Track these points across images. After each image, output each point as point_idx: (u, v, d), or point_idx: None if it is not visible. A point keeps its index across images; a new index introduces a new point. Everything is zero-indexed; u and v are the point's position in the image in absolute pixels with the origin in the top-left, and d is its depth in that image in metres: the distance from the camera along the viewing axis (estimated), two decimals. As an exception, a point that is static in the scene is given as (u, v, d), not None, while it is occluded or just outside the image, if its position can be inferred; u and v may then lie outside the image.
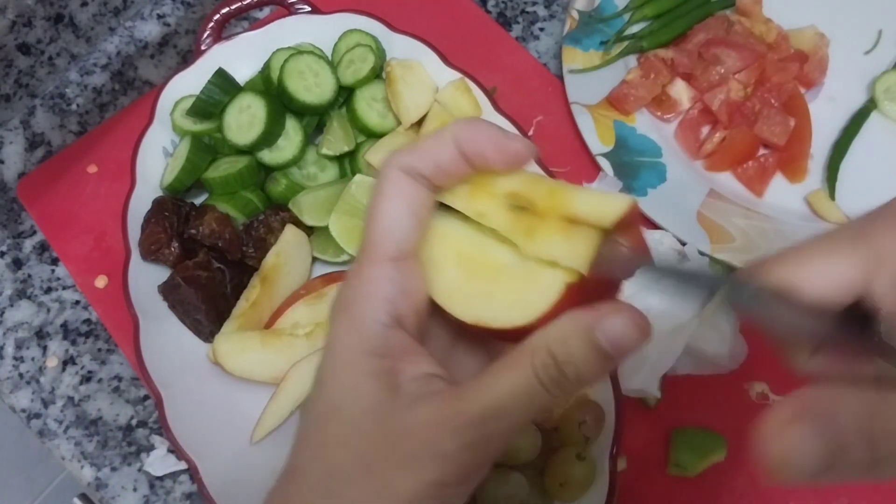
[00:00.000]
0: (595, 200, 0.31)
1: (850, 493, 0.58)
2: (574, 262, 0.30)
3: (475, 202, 0.34)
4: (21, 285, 0.68)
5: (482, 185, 0.34)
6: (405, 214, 0.31)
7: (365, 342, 0.30)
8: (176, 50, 0.78)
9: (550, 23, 0.77)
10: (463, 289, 0.31)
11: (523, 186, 0.33)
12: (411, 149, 0.31)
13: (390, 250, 0.31)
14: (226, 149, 0.65)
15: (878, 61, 0.73)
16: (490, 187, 0.34)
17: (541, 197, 0.32)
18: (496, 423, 0.28)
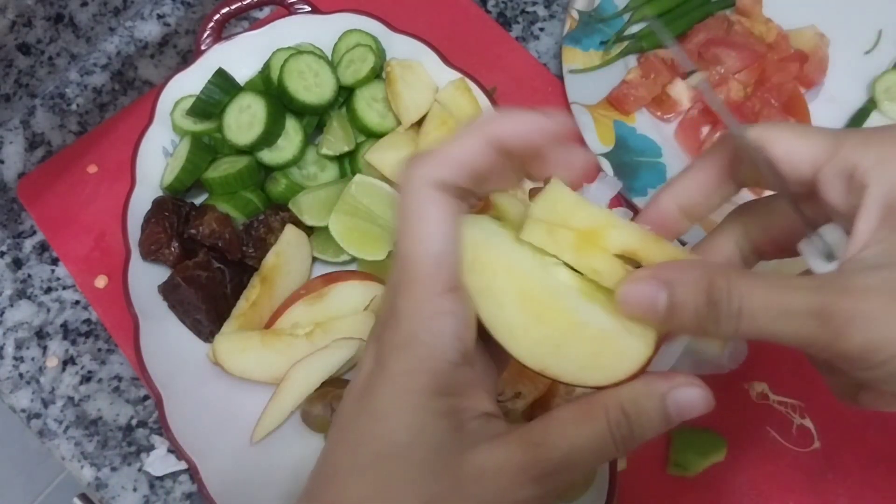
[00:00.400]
0: None
1: (850, 493, 0.58)
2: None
3: (586, 257, 0.33)
4: (21, 285, 0.68)
5: (589, 237, 0.33)
6: (450, 238, 0.29)
7: (434, 382, 0.29)
8: (176, 50, 0.78)
9: (550, 23, 0.77)
10: (530, 332, 0.30)
11: (639, 244, 0.33)
12: (435, 157, 0.29)
13: (447, 280, 0.29)
14: (226, 149, 0.65)
15: (878, 61, 0.73)
16: (600, 240, 0.33)
17: (659, 259, 0.32)
18: (568, 472, 0.29)
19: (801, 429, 0.60)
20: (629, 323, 0.30)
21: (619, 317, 0.30)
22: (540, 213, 0.34)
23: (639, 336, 0.30)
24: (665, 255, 0.33)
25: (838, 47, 0.72)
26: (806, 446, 0.59)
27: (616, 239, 0.33)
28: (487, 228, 0.31)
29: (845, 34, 0.73)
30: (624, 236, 0.33)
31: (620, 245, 0.33)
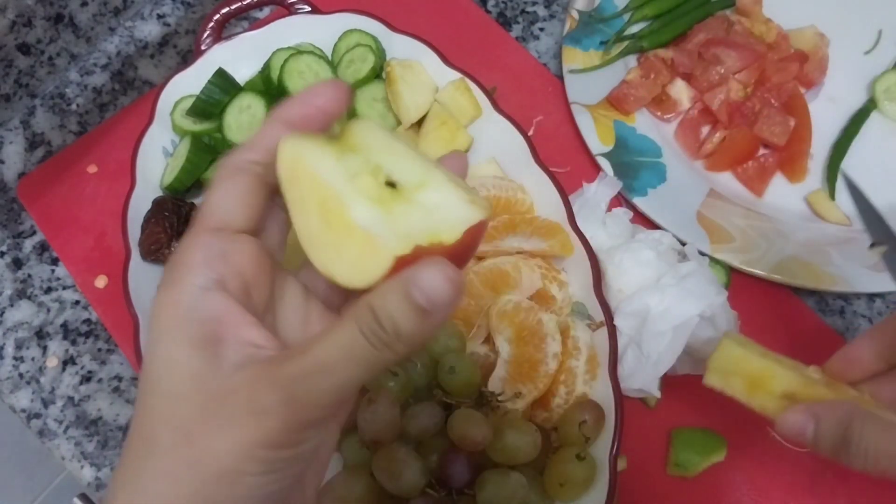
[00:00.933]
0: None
1: (850, 493, 0.58)
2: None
3: (755, 398, 0.47)
4: (21, 285, 0.68)
5: (756, 382, 0.47)
6: (228, 196, 0.31)
7: (181, 307, 0.29)
8: (176, 50, 0.78)
9: (550, 23, 0.77)
10: (321, 238, 0.31)
11: (796, 388, 0.46)
12: (241, 145, 0.33)
13: (210, 223, 0.31)
14: (226, 149, 0.65)
15: (878, 61, 0.73)
16: (765, 385, 0.46)
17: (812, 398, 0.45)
18: (321, 377, 0.27)
19: (802, 429, 0.59)
20: (392, 223, 0.30)
21: (388, 217, 0.30)
22: (715, 364, 0.48)
23: (395, 237, 0.29)
24: (817, 396, 0.45)
25: (838, 47, 0.72)
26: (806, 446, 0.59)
27: (776, 385, 0.46)
28: (308, 146, 0.32)
29: (845, 34, 0.73)
30: (783, 383, 0.46)
31: (780, 389, 0.46)
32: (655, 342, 0.57)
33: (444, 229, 0.30)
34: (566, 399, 0.55)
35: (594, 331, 0.57)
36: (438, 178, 0.31)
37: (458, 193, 0.31)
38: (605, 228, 0.63)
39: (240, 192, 0.32)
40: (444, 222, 0.30)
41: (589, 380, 0.56)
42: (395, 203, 0.31)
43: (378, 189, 0.31)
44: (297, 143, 0.32)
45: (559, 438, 0.55)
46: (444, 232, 0.29)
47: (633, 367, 0.58)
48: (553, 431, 0.55)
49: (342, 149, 0.32)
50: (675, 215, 0.65)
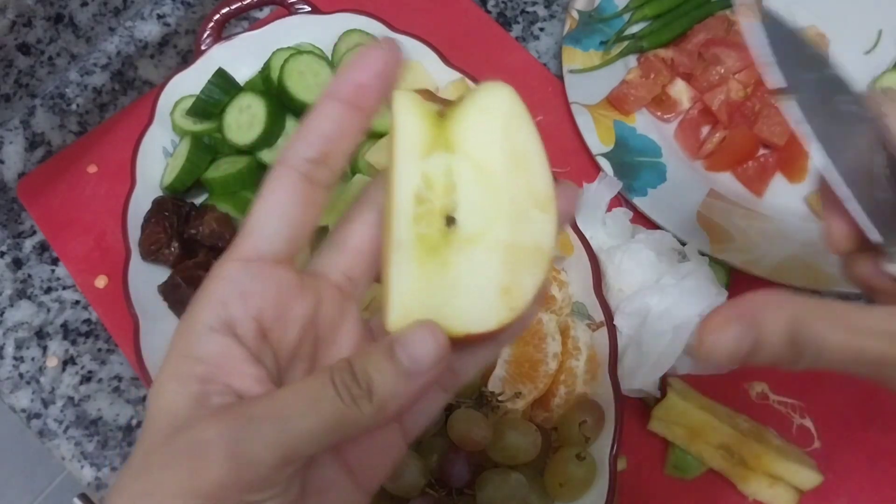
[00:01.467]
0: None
1: (850, 493, 0.58)
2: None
3: (694, 447, 0.56)
4: (21, 285, 0.68)
5: (698, 433, 0.56)
6: (270, 215, 0.28)
7: (186, 340, 0.27)
8: (176, 50, 0.78)
9: (550, 23, 0.77)
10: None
11: (730, 441, 0.55)
12: (295, 134, 0.29)
13: (243, 251, 0.28)
14: (226, 149, 0.65)
15: (878, 61, 0.73)
16: (705, 437, 0.56)
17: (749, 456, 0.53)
18: (271, 424, 0.25)
19: (801, 429, 0.60)
20: (415, 285, 0.27)
21: (418, 273, 0.27)
22: (659, 414, 0.57)
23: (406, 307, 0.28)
24: (748, 450, 0.54)
25: (838, 47, 0.72)
26: (806, 446, 0.59)
27: (713, 437, 0.55)
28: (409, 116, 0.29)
29: (845, 34, 0.73)
30: (719, 436, 0.55)
31: (716, 441, 0.55)
32: (655, 342, 0.57)
33: (453, 319, 0.27)
34: (566, 399, 0.55)
35: (594, 331, 0.57)
36: (498, 237, 0.27)
37: (497, 276, 0.27)
38: (605, 228, 0.63)
39: (284, 209, 0.28)
40: (457, 311, 0.27)
41: (589, 380, 0.56)
42: (435, 255, 0.27)
43: (432, 222, 0.28)
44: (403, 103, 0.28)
45: (559, 438, 0.55)
46: (447, 324, 0.27)
47: (633, 367, 0.58)
48: (553, 431, 0.55)
49: (438, 139, 0.28)
50: (675, 215, 0.65)
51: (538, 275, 0.27)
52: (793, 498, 0.55)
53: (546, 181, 0.27)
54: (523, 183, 0.27)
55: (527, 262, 0.27)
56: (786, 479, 0.55)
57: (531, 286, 0.27)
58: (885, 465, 0.59)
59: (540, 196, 0.27)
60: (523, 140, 0.28)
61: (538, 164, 0.28)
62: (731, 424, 0.56)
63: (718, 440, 0.56)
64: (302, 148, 0.29)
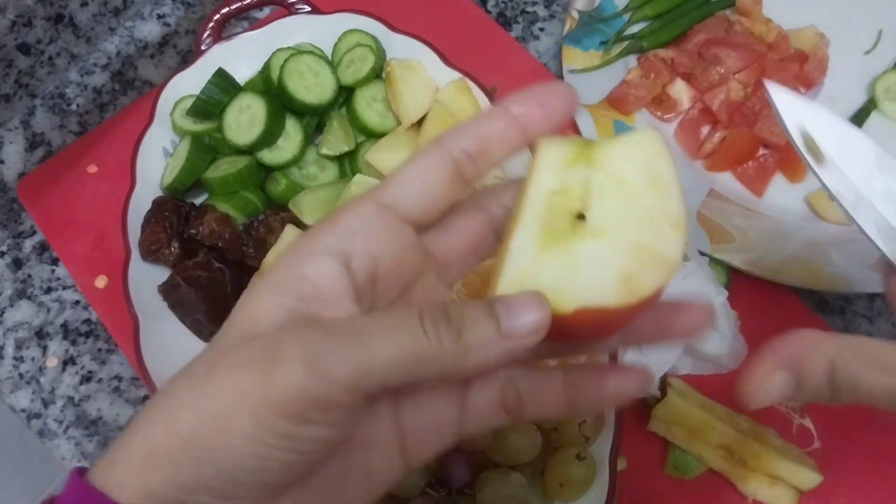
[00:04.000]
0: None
1: (850, 493, 0.58)
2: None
3: (694, 447, 0.56)
4: (21, 285, 0.68)
5: (698, 434, 0.56)
6: (417, 178, 0.29)
7: (298, 261, 0.28)
8: (176, 50, 0.78)
9: (550, 23, 0.77)
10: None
11: (730, 441, 0.54)
12: (459, 126, 0.30)
13: (385, 196, 0.29)
14: (226, 149, 0.65)
15: (878, 61, 0.73)
16: (703, 435, 0.56)
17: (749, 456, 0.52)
18: (349, 342, 0.25)
19: (801, 429, 0.60)
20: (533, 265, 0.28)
21: (537, 257, 0.29)
22: (659, 414, 0.57)
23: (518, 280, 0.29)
24: (748, 449, 0.54)
25: (838, 47, 0.72)
26: (806, 446, 0.59)
27: (713, 437, 0.55)
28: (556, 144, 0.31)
29: (845, 34, 0.73)
30: (719, 435, 0.55)
31: (716, 441, 0.55)
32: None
33: (568, 293, 0.27)
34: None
35: (594, 331, 0.57)
36: (626, 235, 0.28)
37: (621, 264, 0.28)
38: (605, 228, 0.63)
39: (430, 179, 0.29)
40: (573, 286, 0.27)
41: (589, 380, 0.56)
42: (560, 241, 0.28)
43: (562, 216, 0.29)
44: (550, 143, 0.30)
45: (559, 438, 0.55)
46: (560, 298, 0.27)
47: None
48: (553, 431, 0.55)
49: (580, 158, 0.30)
50: (675, 215, 0.65)
51: (661, 277, 0.28)
52: (793, 498, 0.55)
53: (680, 209, 0.29)
54: (659, 201, 0.29)
55: (652, 262, 0.28)
56: (786, 479, 0.55)
57: (653, 282, 0.27)
58: (885, 465, 0.59)
59: (672, 217, 0.28)
60: (664, 171, 0.29)
61: (675, 193, 0.29)
62: (731, 424, 0.56)
63: (718, 440, 0.56)
64: (462, 139, 0.30)
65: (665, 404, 0.57)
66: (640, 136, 0.30)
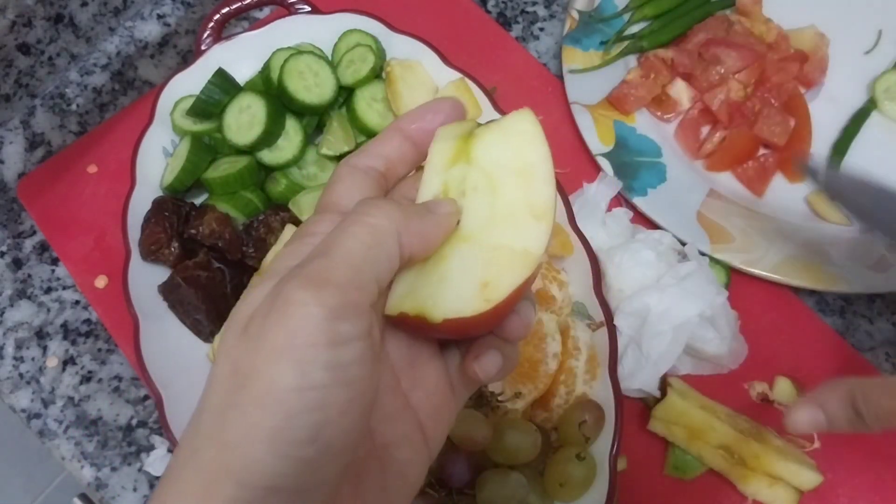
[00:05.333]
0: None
1: (850, 493, 0.58)
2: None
3: (694, 447, 0.56)
4: (21, 285, 0.68)
5: (699, 434, 0.56)
6: (351, 189, 0.32)
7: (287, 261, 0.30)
8: (176, 50, 0.78)
9: (550, 23, 0.77)
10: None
11: (730, 441, 0.55)
12: (361, 150, 0.34)
13: (337, 208, 0.32)
14: (226, 149, 0.65)
15: (878, 61, 0.73)
16: (703, 436, 0.56)
17: (746, 451, 0.54)
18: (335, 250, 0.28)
19: (801, 429, 0.60)
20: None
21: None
22: (659, 414, 0.57)
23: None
24: (748, 449, 0.55)
25: (838, 47, 0.72)
26: (806, 446, 0.59)
27: (713, 438, 0.56)
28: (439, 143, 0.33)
29: (845, 34, 0.73)
30: (719, 436, 0.56)
31: (716, 441, 0.56)
32: (655, 342, 0.57)
33: (436, 306, 0.29)
34: (566, 399, 0.55)
35: (594, 331, 0.57)
36: (488, 238, 0.30)
37: (479, 272, 0.30)
38: (605, 228, 0.63)
39: (361, 189, 0.32)
40: (440, 299, 0.30)
41: (589, 380, 0.56)
42: (437, 252, 0.31)
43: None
44: (440, 139, 0.33)
45: (559, 438, 0.55)
46: (430, 311, 0.29)
47: (633, 367, 0.58)
48: (553, 431, 0.55)
49: (462, 153, 0.32)
50: (675, 215, 0.65)
51: (520, 274, 0.30)
52: (793, 498, 0.55)
53: (546, 195, 0.30)
54: (524, 192, 0.30)
55: (511, 262, 0.30)
56: (786, 479, 0.55)
57: (510, 283, 0.29)
58: (885, 465, 0.59)
59: (537, 207, 0.30)
60: (531, 157, 0.31)
61: (542, 180, 0.31)
62: (731, 424, 0.56)
63: (718, 440, 0.56)
64: (367, 159, 0.33)
65: (665, 404, 0.57)
66: (510, 121, 0.32)
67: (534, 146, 0.31)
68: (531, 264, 0.30)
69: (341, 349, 0.26)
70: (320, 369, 0.26)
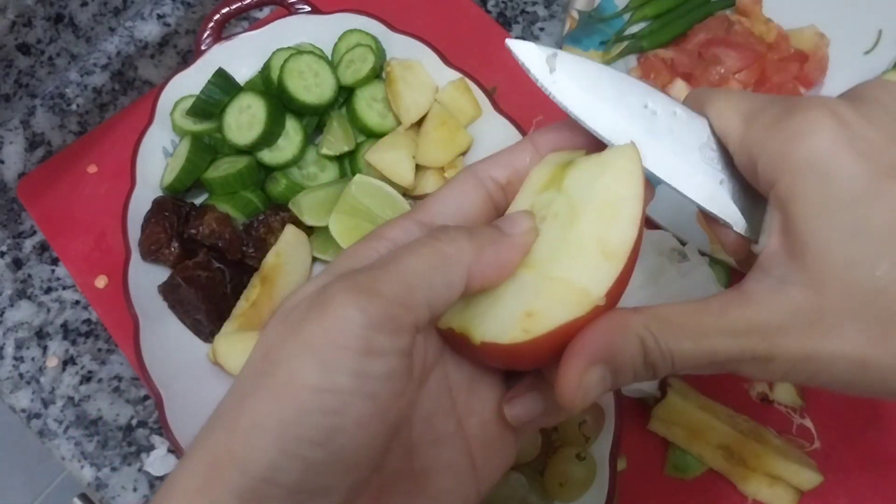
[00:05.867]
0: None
1: (850, 493, 0.58)
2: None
3: (694, 447, 0.56)
4: (21, 285, 0.68)
5: (698, 434, 0.56)
6: (452, 200, 0.31)
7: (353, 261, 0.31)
8: (176, 50, 0.78)
9: (550, 23, 0.77)
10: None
11: (729, 441, 0.54)
12: (490, 157, 0.33)
13: (425, 216, 0.31)
14: (226, 149, 0.65)
15: (878, 61, 0.73)
16: (702, 435, 0.56)
17: (749, 456, 0.53)
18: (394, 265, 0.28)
19: (801, 429, 0.60)
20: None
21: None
22: (659, 414, 0.57)
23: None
24: (749, 450, 0.54)
25: (838, 47, 0.72)
26: (806, 446, 0.59)
27: (713, 437, 0.55)
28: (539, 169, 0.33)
29: (845, 34, 0.73)
30: (719, 436, 0.55)
31: (716, 441, 0.55)
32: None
33: (478, 327, 0.29)
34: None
35: (594, 331, 0.57)
36: (549, 269, 0.29)
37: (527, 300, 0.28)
38: (605, 228, 0.63)
39: (464, 202, 0.31)
40: (485, 321, 0.29)
41: (589, 380, 0.56)
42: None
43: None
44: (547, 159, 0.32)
45: (559, 438, 0.55)
46: (473, 330, 0.29)
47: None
48: (553, 431, 0.55)
49: (555, 180, 0.31)
50: (676, 215, 0.65)
51: (570, 311, 0.27)
52: (793, 498, 0.55)
53: (624, 235, 0.28)
54: (601, 228, 0.29)
55: (564, 297, 0.28)
56: (786, 479, 0.55)
57: (556, 319, 0.27)
58: (885, 465, 0.59)
59: (610, 246, 0.28)
60: (623, 193, 0.29)
61: (625, 219, 0.29)
62: (731, 424, 0.56)
63: (718, 440, 0.56)
64: (492, 168, 0.32)
65: (665, 404, 0.57)
66: (611, 154, 0.30)
67: (627, 182, 0.29)
68: (586, 305, 0.28)
69: (372, 360, 0.25)
70: (345, 374, 0.25)
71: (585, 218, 0.29)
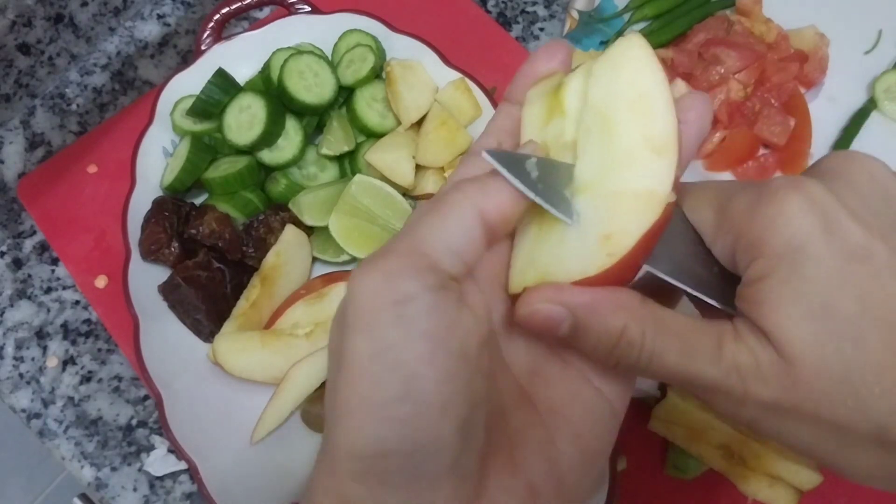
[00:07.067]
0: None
1: (850, 493, 0.58)
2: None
3: (694, 447, 0.56)
4: (21, 285, 0.68)
5: (699, 434, 0.55)
6: (459, 228, 0.29)
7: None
8: (176, 50, 0.78)
9: (550, 23, 0.77)
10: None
11: (733, 442, 0.54)
12: (482, 133, 0.33)
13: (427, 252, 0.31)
14: (226, 149, 0.65)
15: (878, 61, 0.73)
16: (706, 437, 0.55)
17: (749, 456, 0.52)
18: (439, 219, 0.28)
19: (801, 429, 0.59)
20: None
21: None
22: (659, 414, 0.56)
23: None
24: (750, 450, 0.54)
25: (838, 47, 0.72)
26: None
27: (714, 437, 0.55)
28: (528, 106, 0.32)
29: (845, 34, 0.73)
30: (719, 436, 0.54)
31: (717, 441, 0.55)
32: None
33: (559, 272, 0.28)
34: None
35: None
36: (606, 185, 0.27)
37: (600, 224, 0.27)
38: (605, 228, 0.63)
39: (467, 228, 0.30)
40: (562, 263, 0.28)
41: (589, 380, 0.56)
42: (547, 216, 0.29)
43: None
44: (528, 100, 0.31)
45: (559, 438, 0.55)
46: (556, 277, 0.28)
47: (633, 367, 0.58)
48: (553, 431, 0.55)
49: (555, 105, 0.30)
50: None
51: (647, 219, 0.26)
52: (793, 498, 0.55)
53: (665, 125, 0.27)
54: (641, 126, 0.27)
55: (634, 207, 0.27)
56: (786, 479, 0.55)
57: (636, 231, 0.26)
58: (885, 465, 0.59)
59: (657, 140, 0.27)
60: (646, 84, 0.28)
61: (660, 109, 0.27)
62: (731, 424, 0.56)
63: (718, 440, 0.56)
64: (485, 139, 0.33)
65: (665, 404, 0.57)
66: (617, 50, 0.29)
67: (647, 72, 0.28)
68: (658, 206, 0.26)
69: (406, 305, 0.26)
70: (388, 327, 0.26)
71: (621, 122, 0.27)
